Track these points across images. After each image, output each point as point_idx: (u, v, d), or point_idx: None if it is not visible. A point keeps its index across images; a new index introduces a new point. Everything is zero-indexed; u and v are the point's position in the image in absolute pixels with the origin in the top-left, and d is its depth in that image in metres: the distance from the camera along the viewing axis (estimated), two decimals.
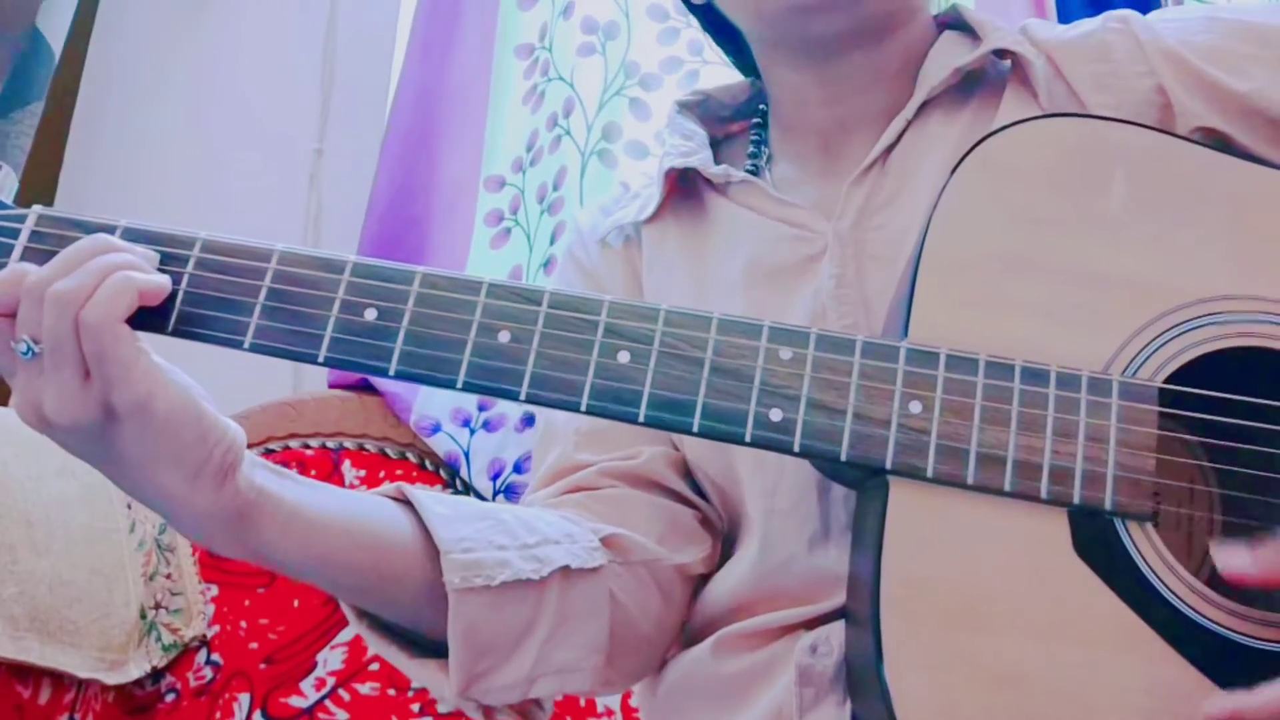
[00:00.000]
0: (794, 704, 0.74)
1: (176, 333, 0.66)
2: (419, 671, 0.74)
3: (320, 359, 0.65)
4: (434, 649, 0.74)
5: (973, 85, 0.83)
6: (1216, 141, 0.74)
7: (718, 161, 0.89)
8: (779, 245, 0.83)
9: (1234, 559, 0.62)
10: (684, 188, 0.90)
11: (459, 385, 0.65)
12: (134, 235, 0.67)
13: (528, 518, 0.77)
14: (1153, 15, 0.81)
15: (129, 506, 1.33)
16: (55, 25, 1.66)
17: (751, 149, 0.90)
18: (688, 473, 0.86)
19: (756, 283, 0.82)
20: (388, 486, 0.76)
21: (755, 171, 0.89)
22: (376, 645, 0.75)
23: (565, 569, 0.75)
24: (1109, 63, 0.78)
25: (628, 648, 0.79)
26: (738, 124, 0.95)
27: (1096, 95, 0.78)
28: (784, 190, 0.87)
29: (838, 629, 0.74)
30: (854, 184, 0.81)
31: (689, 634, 0.84)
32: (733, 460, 0.81)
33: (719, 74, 1.52)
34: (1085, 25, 0.82)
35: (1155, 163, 0.69)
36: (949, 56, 0.82)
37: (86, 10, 1.84)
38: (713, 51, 0.99)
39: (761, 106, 0.92)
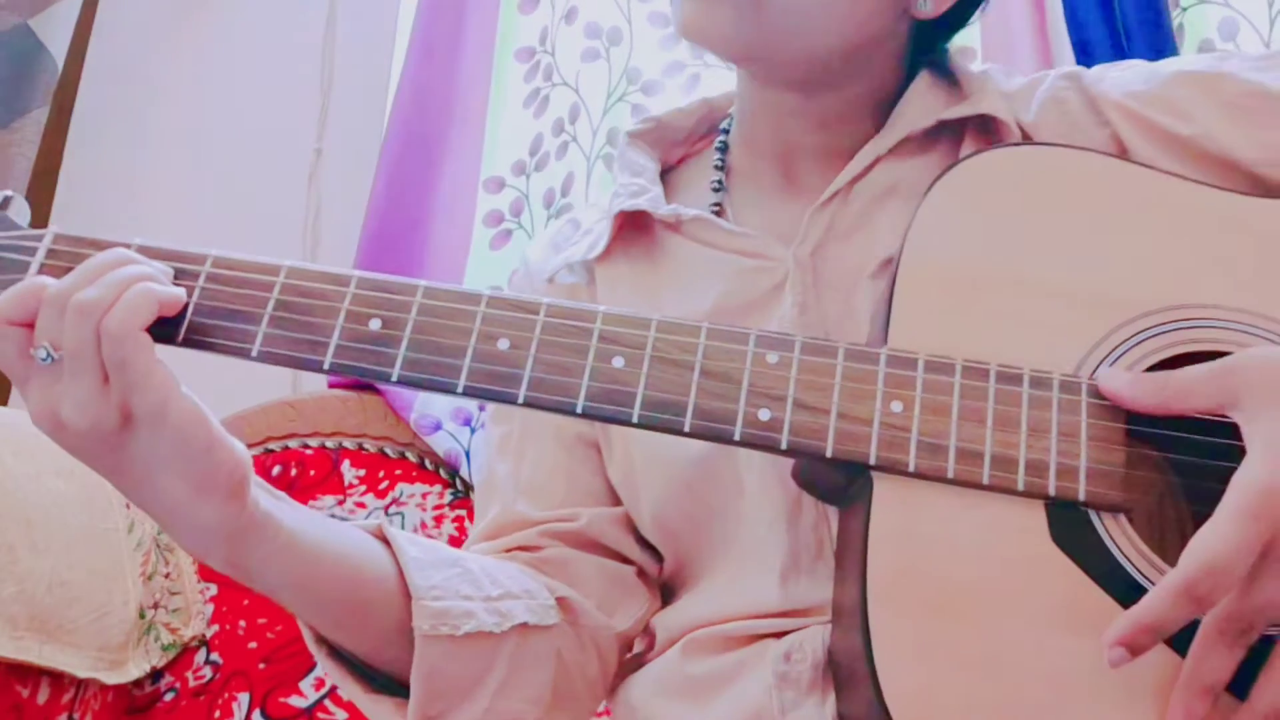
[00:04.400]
0: (774, 706, 0.76)
1: (186, 343, 0.68)
2: (373, 707, 0.77)
3: (326, 366, 0.67)
4: (387, 686, 0.77)
5: (940, 129, 0.86)
6: None
7: (669, 190, 0.91)
8: (741, 279, 0.85)
9: (1113, 380, 0.67)
10: (635, 225, 0.90)
11: (459, 390, 0.68)
12: (146, 254, 0.69)
13: (491, 569, 0.80)
14: (1097, 70, 0.86)
15: (128, 506, 1.33)
16: (56, 33, 1.65)
17: (716, 162, 0.91)
18: (628, 528, 0.88)
19: (725, 319, 0.83)
20: (368, 522, 0.79)
21: (717, 189, 0.90)
22: (334, 674, 0.77)
23: (524, 624, 0.78)
24: (1066, 115, 0.84)
25: (564, 703, 0.83)
26: (695, 144, 0.96)
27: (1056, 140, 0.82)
28: (742, 211, 0.89)
29: (810, 636, 0.76)
30: (816, 211, 0.84)
31: (655, 651, 0.86)
32: (705, 496, 0.82)
33: (720, 77, 1.53)
34: (1038, 84, 0.86)
35: (1109, 185, 0.75)
36: (930, 101, 0.86)
37: (87, 10, 1.84)
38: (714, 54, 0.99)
39: (725, 124, 0.94)
